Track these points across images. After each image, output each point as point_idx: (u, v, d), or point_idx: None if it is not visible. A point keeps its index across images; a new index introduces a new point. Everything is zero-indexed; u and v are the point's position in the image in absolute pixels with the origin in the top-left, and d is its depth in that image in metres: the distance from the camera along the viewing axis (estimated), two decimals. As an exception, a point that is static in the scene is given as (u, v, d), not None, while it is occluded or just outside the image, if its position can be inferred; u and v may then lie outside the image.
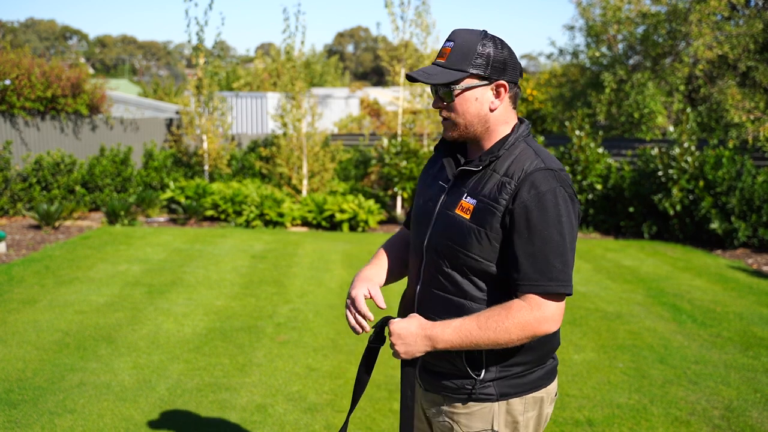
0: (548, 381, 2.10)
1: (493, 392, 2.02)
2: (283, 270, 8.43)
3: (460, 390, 2.04)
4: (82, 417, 4.30)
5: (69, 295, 7.10)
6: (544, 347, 2.06)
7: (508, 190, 1.91)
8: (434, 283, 2.07)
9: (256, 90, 24.88)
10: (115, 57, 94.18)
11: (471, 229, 1.96)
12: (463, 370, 2.02)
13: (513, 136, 2.01)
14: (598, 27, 14.07)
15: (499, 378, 2.01)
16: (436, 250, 2.06)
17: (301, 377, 5.04)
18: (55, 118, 13.03)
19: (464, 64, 1.96)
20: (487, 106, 2.00)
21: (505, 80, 1.98)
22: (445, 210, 2.05)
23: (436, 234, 2.07)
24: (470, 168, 2.02)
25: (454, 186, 2.07)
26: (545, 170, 1.91)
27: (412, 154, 11.88)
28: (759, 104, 11.57)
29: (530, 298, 1.88)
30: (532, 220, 1.88)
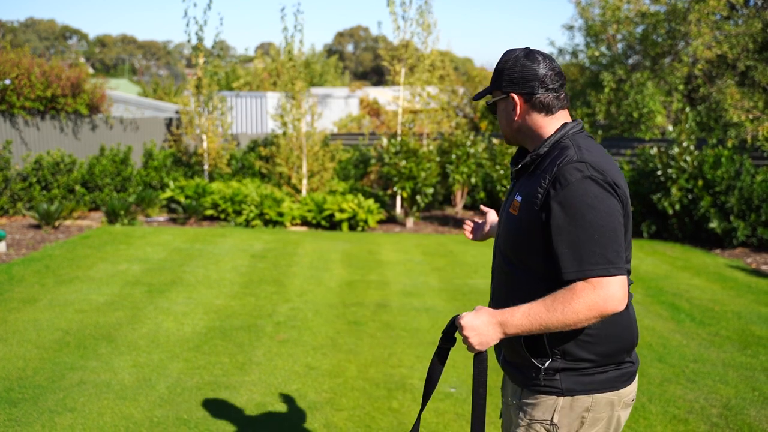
0: (623, 384, 2.10)
1: (559, 386, 2.05)
2: (283, 269, 8.45)
3: (530, 381, 2.10)
4: (82, 415, 4.32)
5: (69, 294, 7.11)
6: (613, 343, 2.07)
7: (543, 184, 2.01)
8: (500, 277, 2.24)
9: (256, 90, 24.89)
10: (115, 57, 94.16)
11: (519, 225, 2.09)
12: (527, 360, 2.07)
13: (555, 136, 2.12)
14: (598, 27, 14.08)
15: (565, 370, 2.05)
16: (499, 246, 2.25)
17: (301, 376, 5.05)
18: (55, 117, 13.04)
19: (494, 81, 2.21)
20: (512, 117, 2.19)
21: (517, 92, 2.15)
22: (505, 209, 2.26)
23: (501, 232, 2.25)
24: (517, 168, 2.22)
25: (513, 187, 2.27)
26: (577, 162, 1.98)
27: (411, 153, 11.89)
28: (758, 103, 11.57)
29: (590, 279, 1.92)
30: (563, 210, 1.95)
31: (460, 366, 5.31)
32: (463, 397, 4.72)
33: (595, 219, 1.93)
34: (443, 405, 4.59)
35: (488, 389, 4.81)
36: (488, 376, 5.03)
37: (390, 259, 9.21)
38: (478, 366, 2.11)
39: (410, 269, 8.60)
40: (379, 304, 7.00)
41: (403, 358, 5.48)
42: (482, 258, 9.37)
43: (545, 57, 2.15)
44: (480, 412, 2.13)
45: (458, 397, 4.72)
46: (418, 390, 4.83)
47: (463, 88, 21.21)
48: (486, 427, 4.26)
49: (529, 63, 2.13)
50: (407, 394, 4.75)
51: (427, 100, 13.13)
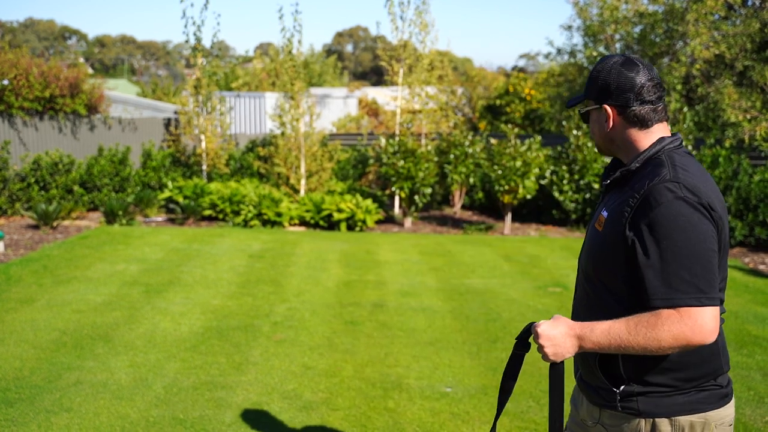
0: (709, 406, 1.99)
1: (635, 407, 1.99)
2: (281, 269, 8.45)
3: (609, 403, 2.04)
4: (78, 415, 4.32)
5: (67, 294, 7.12)
6: (694, 370, 1.97)
7: (631, 203, 1.93)
8: (580, 293, 2.19)
9: (255, 90, 24.89)
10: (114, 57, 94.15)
11: (604, 241, 2.02)
12: (602, 383, 2.03)
13: (649, 152, 2.03)
14: (596, 27, 14.09)
15: (641, 393, 1.98)
16: (582, 261, 2.19)
17: (297, 376, 5.06)
18: (54, 118, 13.04)
19: (587, 89, 2.15)
20: (605, 127, 2.11)
21: (610, 104, 2.07)
22: (591, 225, 2.18)
23: (584, 247, 2.20)
24: (607, 182, 2.15)
25: (601, 201, 2.20)
26: (669, 182, 1.90)
27: (409, 153, 11.90)
28: (755, 103, 11.58)
29: (679, 309, 1.84)
30: (651, 232, 1.87)
31: (456, 365, 5.32)
32: (458, 397, 4.73)
33: (687, 244, 1.84)
34: (439, 404, 4.60)
35: (484, 389, 4.83)
36: (483, 376, 5.05)
37: (387, 259, 9.21)
38: (554, 376, 2.06)
39: (407, 269, 8.61)
40: (376, 304, 7.01)
41: (399, 357, 5.48)
42: (480, 258, 9.38)
43: (644, 66, 2.05)
44: (558, 426, 2.08)
45: (454, 397, 4.73)
46: (414, 390, 4.84)
47: (461, 88, 21.23)
48: (483, 426, 4.28)
49: (625, 72, 2.04)
50: (403, 394, 4.76)
51: (425, 100, 13.14)
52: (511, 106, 18.76)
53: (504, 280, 8.12)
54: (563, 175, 11.92)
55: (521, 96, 18.76)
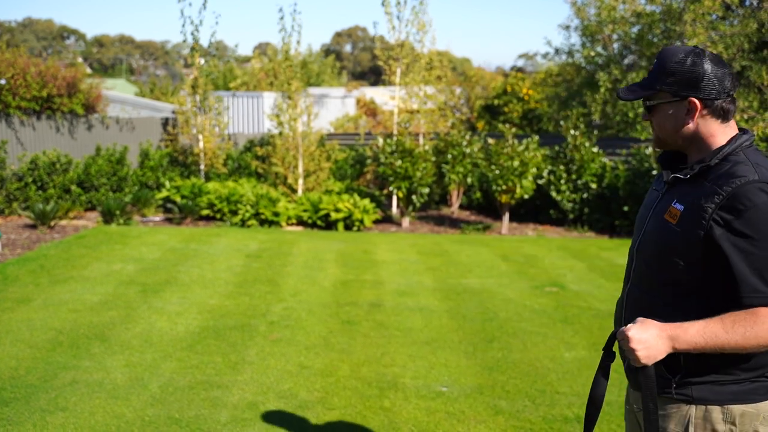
0: (761, 397, 2.00)
1: (689, 394, 2.00)
2: (278, 269, 8.45)
3: (661, 390, 2.04)
4: (73, 415, 4.32)
5: (63, 293, 7.11)
6: (757, 359, 1.98)
7: (716, 200, 1.92)
8: (639, 284, 2.15)
9: (253, 90, 24.89)
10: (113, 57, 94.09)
11: (676, 234, 2.00)
12: (661, 371, 2.03)
13: (729, 147, 2.01)
14: (593, 27, 14.10)
15: (697, 382, 2.00)
16: (644, 252, 2.15)
17: (293, 375, 5.06)
18: (51, 117, 13.03)
19: (657, 81, 2.07)
20: (682, 122, 2.06)
21: (696, 97, 2.02)
22: (657, 215, 2.12)
23: (646, 238, 2.15)
24: (680, 175, 2.08)
25: (667, 193, 2.14)
26: (760, 182, 1.90)
27: (407, 153, 11.90)
28: (753, 103, 11.60)
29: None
30: (748, 233, 1.87)
31: (452, 365, 5.33)
32: (454, 396, 4.73)
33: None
34: (434, 404, 4.60)
35: (480, 389, 4.83)
36: (479, 376, 5.05)
37: (385, 258, 9.22)
38: (646, 380, 2.03)
39: (405, 269, 8.61)
40: (372, 303, 7.01)
41: (395, 357, 5.48)
42: (477, 258, 9.38)
43: (720, 58, 2.04)
44: (654, 428, 2.05)
45: (449, 396, 4.73)
46: (409, 389, 4.84)
47: (460, 88, 21.24)
48: (478, 425, 4.29)
49: (710, 65, 2.00)
50: (399, 393, 4.76)
51: (423, 100, 13.14)
52: (509, 106, 18.77)
53: (501, 280, 8.13)
54: (561, 174, 11.92)
55: (519, 96, 18.77)
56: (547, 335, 6.09)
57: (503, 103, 18.96)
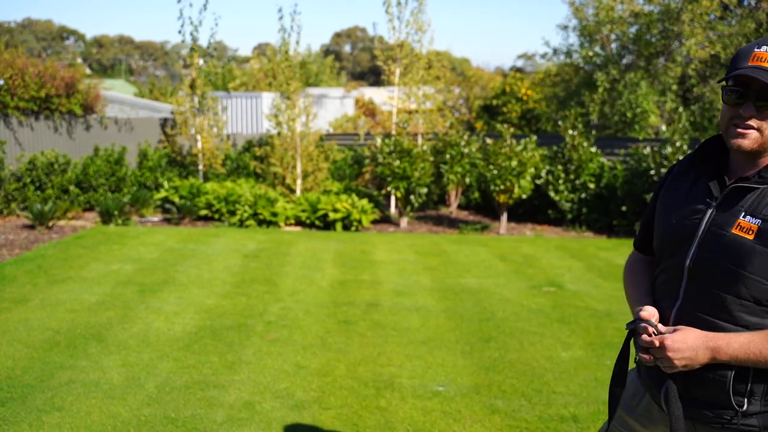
0: None
1: (756, 424, 1.90)
2: (275, 269, 8.46)
3: (717, 419, 1.94)
4: (69, 414, 4.32)
5: (61, 294, 7.12)
6: None
7: None
8: (698, 305, 1.97)
9: (252, 90, 24.90)
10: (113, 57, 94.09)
11: (756, 250, 1.85)
12: (725, 401, 1.91)
13: None
14: (592, 27, 14.11)
15: (764, 412, 1.90)
16: (706, 270, 1.96)
17: (290, 375, 5.06)
18: (49, 118, 13.04)
19: None
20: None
21: None
22: (717, 229, 1.94)
23: (707, 254, 1.96)
24: (749, 185, 1.92)
25: (723, 203, 1.96)
26: None
27: (405, 153, 11.91)
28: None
29: None
30: None
31: (449, 365, 5.33)
32: (450, 396, 4.73)
33: None
34: (431, 403, 4.61)
35: (476, 388, 4.84)
36: (476, 375, 5.05)
37: (383, 258, 9.22)
38: (670, 386, 1.99)
39: (403, 269, 8.61)
40: (370, 303, 7.01)
41: (392, 357, 5.49)
42: (475, 258, 9.39)
43: None
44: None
45: (446, 395, 4.73)
46: (406, 388, 4.85)
47: (458, 88, 21.25)
48: (474, 425, 4.29)
49: None
50: (395, 393, 4.76)
51: (422, 100, 13.15)
52: (508, 106, 18.78)
53: (498, 280, 8.13)
54: (559, 174, 11.93)
55: (518, 96, 18.78)
56: (544, 335, 6.10)
57: (502, 103, 18.98)
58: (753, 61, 1.90)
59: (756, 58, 1.90)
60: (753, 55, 1.91)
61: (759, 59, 1.90)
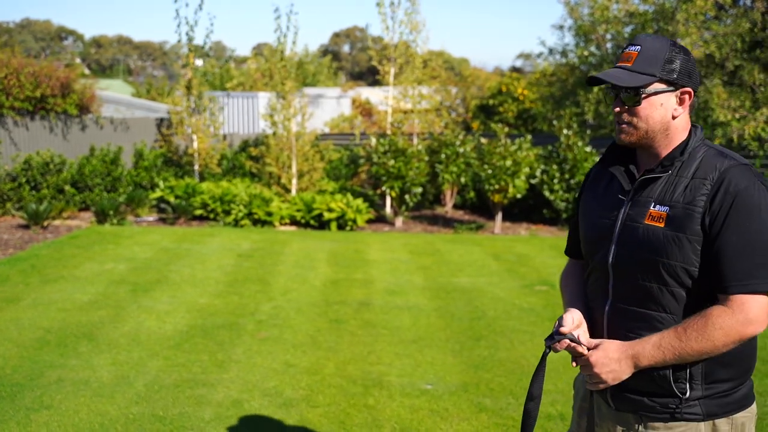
0: (752, 400, 2.02)
1: (699, 411, 1.94)
2: (269, 268, 8.47)
3: (663, 409, 1.97)
4: (58, 412, 4.34)
5: (53, 293, 7.13)
6: (746, 362, 1.98)
7: (704, 191, 1.89)
8: (628, 300, 2.02)
9: (249, 90, 24.89)
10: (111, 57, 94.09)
11: (668, 237, 1.91)
12: (668, 389, 1.95)
13: (693, 140, 1.99)
14: (587, 26, 14.12)
15: (705, 396, 1.94)
16: (628, 264, 2.01)
17: (279, 373, 5.08)
18: (45, 118, 13.04)
19: (653, 68, 1.94)
20: (670, 113, 1.97)
21: (690, 87, 1.97)
22: (631, 223, 2.00)
23: (626, 248, 2.01)
24: (654, 175, 1.99)
25: (635, 197, 2.02)
26: (740, 166, 1.89)
27: (400, 153, 11.92)
28: (745, 103, 11.61)
29: (732, 300, 1.84)
30: (735, 217, 1.84)
31: (438, 363, 5.34)
32: (438, 394, 4.74)
33: (764, 227, 1.85)
34: (418, 401, 4.62)
35: (465, 387, 4.85)
36: (465, 373, 5.07)
37: (376, 257, 9.23)
38: (597, 399, 2.09)
39: (395, 268, 8.63)
40: (361, 302, 7.02)
41: (382, 355, 5.50)
42: (468, 257, 9.40)
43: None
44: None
45: (434, 394, 4.75)
46: (394, 387, 4.86)
47: (455, 88, 21.27)
48: (461, 423, 4.30)
49: (692, 58, 1.98)
50: (383, 391, 4.78)
51: (417, 100, 13.16)
52: (504, 105, 18.80)
53: (491, 279, 8.15)
54: (554, 174, 11.94)
55: (514, 96, 18.81)
56: (535, 333, 6.11)
57: (498, 103, 19.01)
58: (620, 61, 2.00)
59: (623, 58, 2.00)
60: (621, 55, 2.01)
61: (624, 59, 2.00)
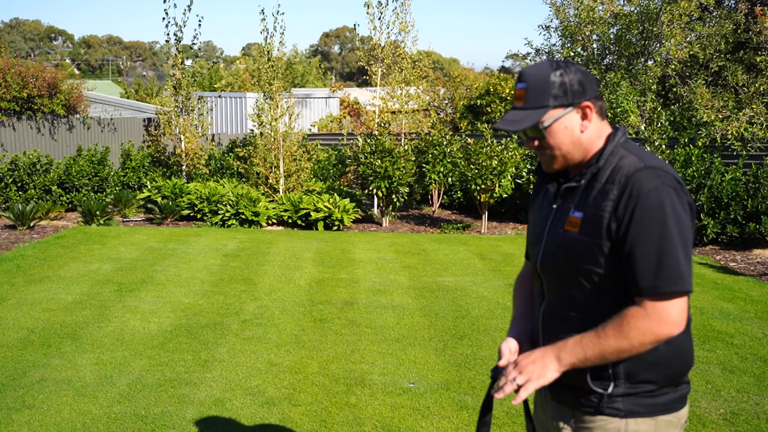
0: (681, 405, 2.04)
1: (621, 407, 1.98)
2: (254, 268, 8.49)
3: (589, 403, 2.02)
4: (40, 412, 4.35)
5: (38, 293, 7.12)
6: (676, 366, 2.01)
7: (611, 196, 1.92)
8: (556, 302, 2.08)
9: (238, 90, 24.89)
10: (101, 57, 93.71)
11: (581, 242, 1.96)
12: (590, 385, 2.00)
13: (610, 146, 2.01)
14: (573, 27, 14.20)
15: (627, 394, 1.98)
16: (551, 268, 2.08)
17: (262, 372, 5.10)
18: (32, 118, 13.02)
19: (543, 99, 1.98)
20: (578, 130, 2.00)
21: (587, 100, 2.00)
22: (554, 229, 2.07)
23: (549, 254, 2.08)
24: (572, 184, 2.04)
25: (561, 204, 2.08)
26: (645, 169, 1.90)
27: (386, 153, 11.95)
28: (728, 103, 11.72)
29: (645, 303, 1.86)
30: (638, 221, 1.87)
31: (421, 362, 5.38)
32: (420, 392, 4.78)
33: (669, 230, 1.86)
34: (400, 399, 4.66)
35: (447, 385, 4.89)
36: (447, 372, 5.10)
37: (362, 257, 9.26)
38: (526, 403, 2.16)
39: (381, 267, 8.66)
40: (346, 301, 7.05)
41: (365, 354, 5.54)
42: (454, 256, 9.44)
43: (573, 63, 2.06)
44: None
45: (416, 392, 4.78)
46: (377, 385, 4.90)
47: (444, 89, 21.31)
48: (442, 421, 4.34)
49: (577, 68, 2.01)
50: (365, 390, 4.81)
51: (405, 100, 13.20)
52: (492, 106, 18.85)
53: (476, 278, 8.19)
54: (540, 174, 11.98)
55: (502, 96, 18.85)
56: (517, 332, 6.14)
57: (486, 103, 19.05)
58: (515, 101, 2.05)
59: (516, 97, 2.04)
60: (515, 94, 2.05)
61: (516, 98, 2.04)
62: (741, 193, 10.26)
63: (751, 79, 12.33)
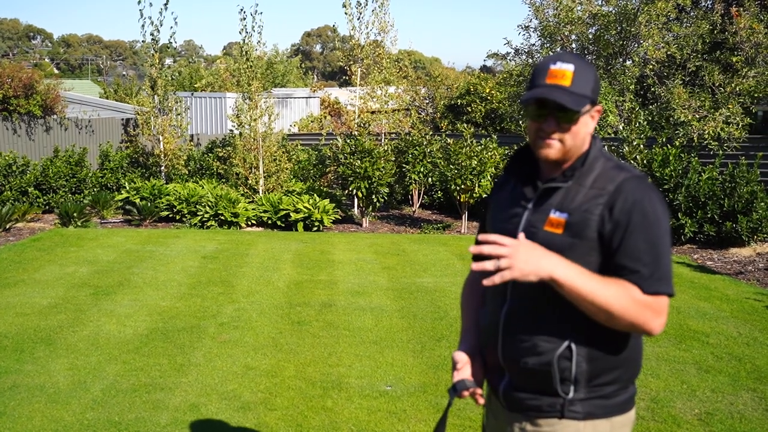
0: (631, 406, 2.09)
1: (579, 410, 2.00)
2: (233, 270, 8.44)
3: (548, 408, 2.03)
4: (11, 419, 4.30)
5: (11, 297, 7.04)
6: (631, 368, 2.07)
7: (602, 201, 1.95)
8: (526, 304, 2.04)
9: (218, 90, 24.75)
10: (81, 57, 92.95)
11: (565, 243, 1.96)
12: (552, 389, 2.00)
13: (594, 150, 2.05)
14: (552, 27, 14.23)
15: (587, 398, 2.01)
16: None
17: (238, 376, 5.07)
18: (7, 119, 12.87)
19: (587, 90, 1.99)
20: (586, 129, 2.03)
21: (598, 102, 2.06)
22: (531, 229, 2.03)
23: None
24: (556, 184, 2.04)
25: (537, 204, 2.06)
26: (635, 178, 1.97)
27: (366, 153, 11.93)
28: (705, 103, 11.80)
29: (647, 297, 1.92)
30: (637, 226, 1.91)
31: (398, 364, 5.37)
32: (397, 395, 4.77)
33: (661, 235, 1.94)
34: (377, 403, 4.64)
35: (424, 387, 4.88)
36: (424, 374, 5.09)
37: (341, 258, 9.24)
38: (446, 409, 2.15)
39: (360, 268, 8.64)
40: (324, 303, 7.03)
41: (342, 357, 5.52)
42: (433, 257, 9.44)
43: None
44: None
45: (393, 395, 4.77)
46: (353, 389, 4.88)
47: (425, 88, 21.31)
48: (418, 424, 4.33)
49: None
50: (342, 393, 4.79)
51: (384, 100, 13.18)
52: (472, 105, 18.88)
53: (455, 279, 8.19)
54: (519, 174, 12.01)
55: (482, 95, 18.89)
56: (495, 333, 6.15)
57: (466, 102, 19.08)
58: (549, 79, 2.00)
59: (552, 76, 2.00)
60: (549, 72, 2.01)
61: (554, 76, 1.99)
62: (718, 193, 10.34)
63: (728, 79, 12.43)
